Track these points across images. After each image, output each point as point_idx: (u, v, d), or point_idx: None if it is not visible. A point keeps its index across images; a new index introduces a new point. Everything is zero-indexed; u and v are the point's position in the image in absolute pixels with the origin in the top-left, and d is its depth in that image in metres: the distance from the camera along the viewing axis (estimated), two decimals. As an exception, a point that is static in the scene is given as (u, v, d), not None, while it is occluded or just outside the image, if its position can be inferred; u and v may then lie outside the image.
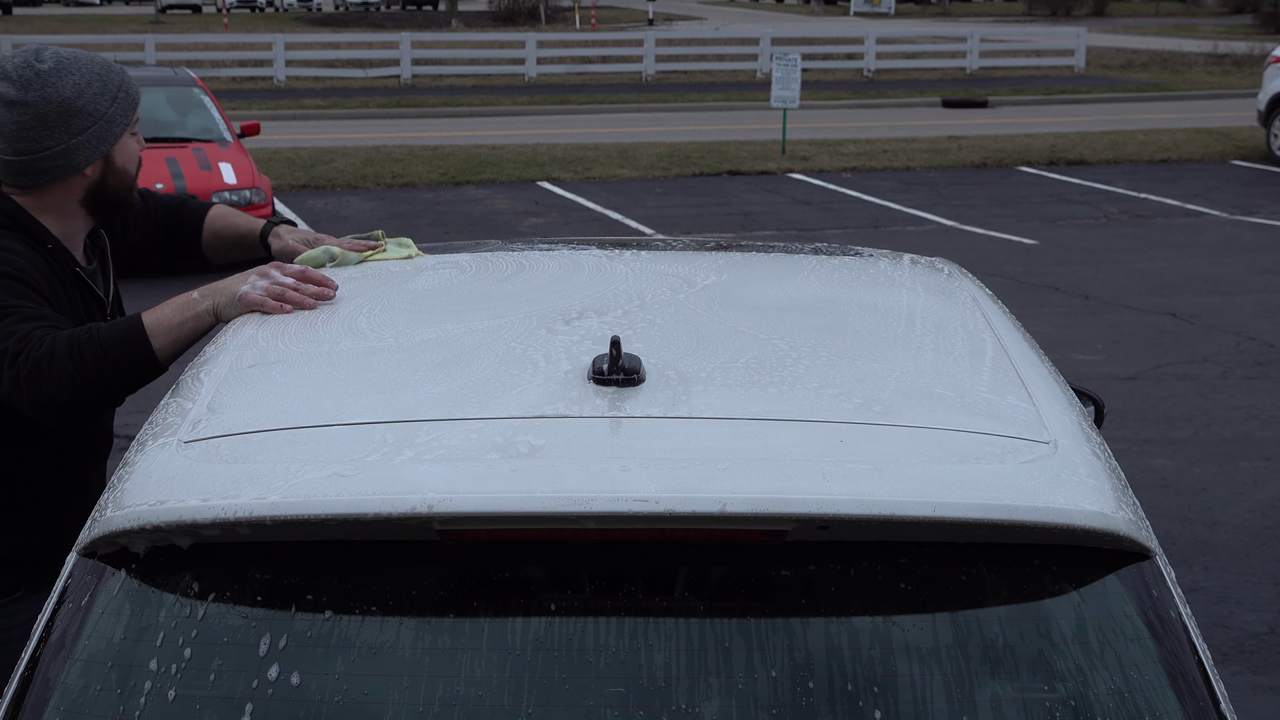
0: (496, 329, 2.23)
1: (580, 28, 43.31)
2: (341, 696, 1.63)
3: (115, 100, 2.75)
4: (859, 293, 2.61)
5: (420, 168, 17.81)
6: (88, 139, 2.72)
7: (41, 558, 2.71)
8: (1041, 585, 1.72)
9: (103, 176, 2.78)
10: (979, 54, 31.84)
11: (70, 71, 2.69)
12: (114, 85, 2.75)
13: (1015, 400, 2.02)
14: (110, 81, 2.74)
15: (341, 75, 29.13)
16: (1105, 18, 57.82)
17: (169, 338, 2.53)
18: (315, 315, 2.43)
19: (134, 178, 2.84)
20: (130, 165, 2.81)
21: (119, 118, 2.75)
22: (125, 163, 2.80)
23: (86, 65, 2.73)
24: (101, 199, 2.81)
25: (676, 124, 23.44)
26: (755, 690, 1.62)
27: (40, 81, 2.67)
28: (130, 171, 2.82)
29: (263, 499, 1.70)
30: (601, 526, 1.67)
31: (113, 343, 2.49)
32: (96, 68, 2.74)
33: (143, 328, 2.52)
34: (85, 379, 2.47)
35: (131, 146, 2.81)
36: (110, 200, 2.82)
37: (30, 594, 2.71)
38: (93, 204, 2.81)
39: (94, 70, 2.73)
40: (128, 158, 2.80)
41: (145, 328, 2.52)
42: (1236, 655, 5.11)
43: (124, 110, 2.76)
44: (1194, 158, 19.24)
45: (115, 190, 2.81)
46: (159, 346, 2.52)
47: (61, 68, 2.69)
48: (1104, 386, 8.26)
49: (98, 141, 2.73)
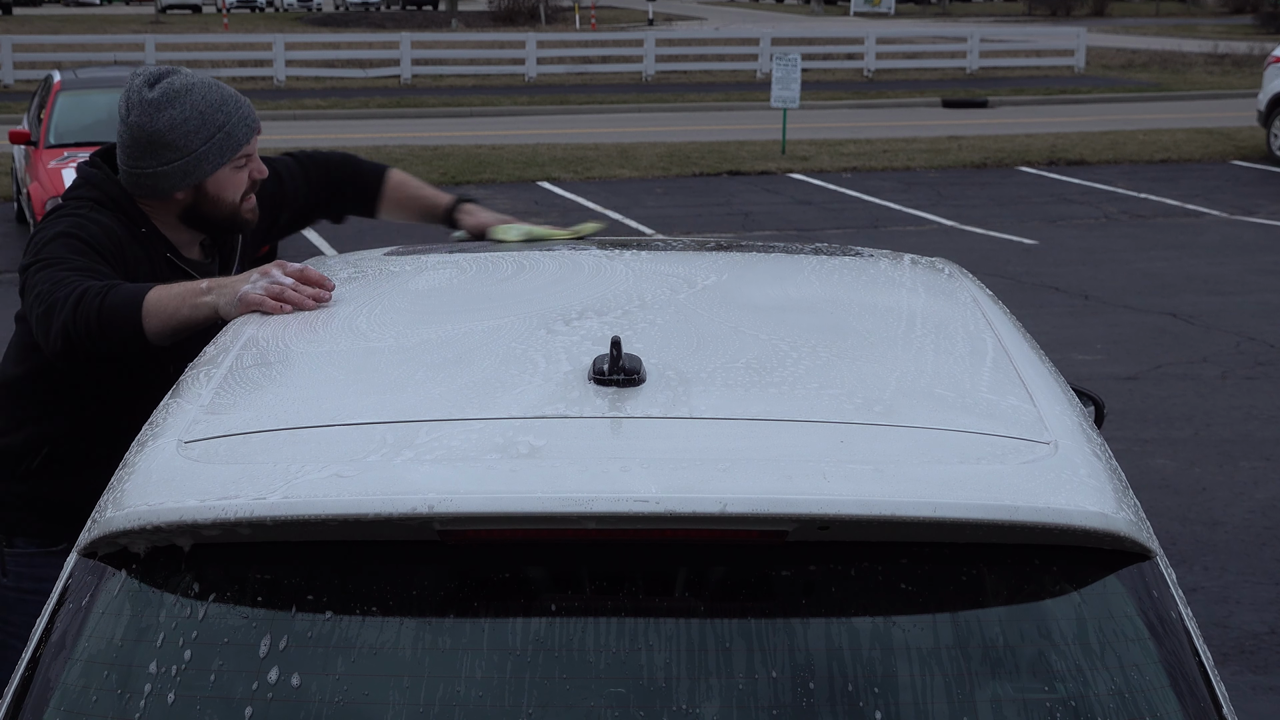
0: (497, 329, 2.23)
1: (580, 28, 43.30)
2: (342, 697, 1.63)
3: (211, 140, 2.87)
4: (859, 293, 2.61)
5: (420, 168, 17.80)
6: (173, 170, 2.87)
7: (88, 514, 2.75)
8: (1042, 586, 1.72)
9: (195, 202, 2.92)
10: (979, 54, 31.84)
11: (173, 105, 2.84)
12: (214, 126, 2.87)
13: (1016, 400, 2.02)
14: (210, 121, 2.86)
15: (341, 75, 29.12)
16: (1105, 18, 57.81)
17: (161, 318, 2.62)
18: (315, 315, 2.43)
19: (234, 204, 2.95)
20: (227, 194, 2.93)
21: (211, 156, 2.88)
22: (219, 192, 2.92)
23: (196, 101, 2.85)
24: (198, 219, 2.96)
25: (676, 124, 23.44)
26: (755, 691, 1.62)
27: (141, 107, 2.84)
28: (227, 199, 2.93)
29: (263, 499, 1.70)
30: (602, 527, 1.67)
31: (110, 306, 2.61)
32: (204, 106, 2.86)
33: (141, 303, 2.62)
34: (75, 330, 2.61)
35: (230, 179, 2.92)
36: (209, 221, 2.97)
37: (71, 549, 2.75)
38: (191, 222, 2.96)
39: (200, 107, 2.85)
40: (223, 188, 2.92)
41: (144, 303, 2.62)
42: (1236, 655, 5.11)
43: (219, 149, 2.88)
44: (1194, 158, 19.24)
45: (211, 214, 2.95)
46: (149, 323, 2.62)
47: (167, 100, 2.84)
48: (1104, 386, 8.26)
49: (184, 174, 2.87)
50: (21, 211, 13.68)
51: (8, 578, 2.96)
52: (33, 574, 2.89)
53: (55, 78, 14.08)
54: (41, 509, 2.95)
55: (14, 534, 2.97)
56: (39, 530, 2.94)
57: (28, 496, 2.95)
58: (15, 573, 2.95)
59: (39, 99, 14.35)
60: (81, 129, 12.98)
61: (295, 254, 2.85)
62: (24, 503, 2.96)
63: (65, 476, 2.92)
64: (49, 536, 2.90)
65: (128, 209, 2.90)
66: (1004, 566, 1.72)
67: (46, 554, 2.87)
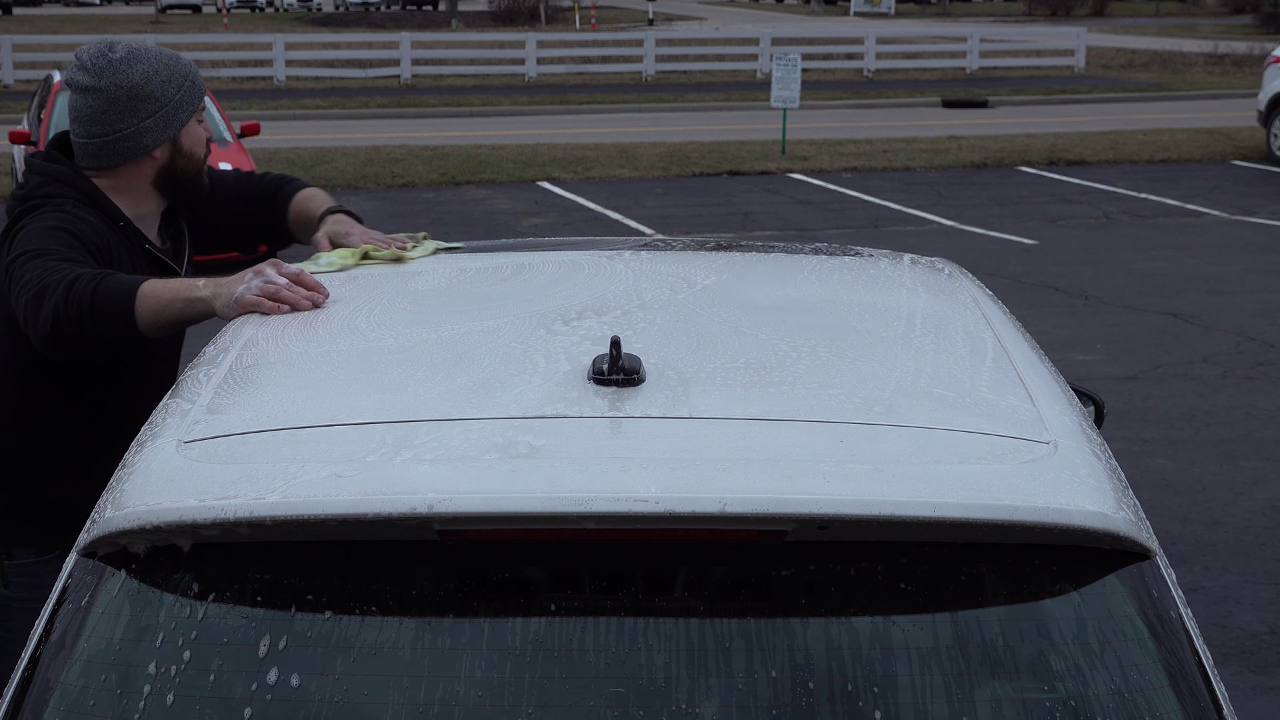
0: (496, 329, 2.23)
1: (580, 28, 43.31)
2: (341, 696, 1.63)
3: (182, 88, 2.97)
4: (859, 293, 2.61)
5: (420, 168, 17.81)
6: (155, 122, 2.94)
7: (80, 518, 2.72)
8: (1042, 585, 1.72)
9: (171, 159, 2.99)
10: (979, 54, 31.85)
11: (140, 60, 2.92)
12: (180, 75, 2.97)
13: (1015, 400, 2.02)
14: (177, 72, 2.97)
15: (341, 75, 29.13)
16: (1105, 18, 57.83)
17: (152, 310, 2.64)
18: (315, 315, 2.43)
19: (201, 160, 3.05)
20: (197, 149, 3.02)
21: (185, 104, 2.97)
22: (192, 146, 3.01)
23: (156, 56, 2.96)
24: (171, 180, 3.02)
25: (676, 124, 23.44)
26: (755, 690, 1.62)
27: (112, 69, 2.90)
28: (197, 154, 3.03)
29: (262, 499, 1.70)
30: (601, 526, 1.67)
31: (103, 295, 2.62)
32: (165, 59, 2.97)
33: (134, 295, 2.63)
34: (66, 317, 2.62)
35: (198, 132, 3.02)
36: (179, 181, 3.03)
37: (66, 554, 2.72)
38: (163, 185, 3.02)
39: (162, 60, 2.96)
40: (194, 142, 3.01)
41: (136, 295, 2.63)
42: (1236, 655, 5.11)
43: (190, 98, 2.98)
44: (1194, 158, 19.24)
45: (184, 171, 3.02)
46: (141, 315, 2.63)
47: (133, 56, 2.93)
48: (1104, 386, 8.26)
49: (165, 125, 2.95)
50: (21, 211, 13.66)
51: (9, 589, 2.98)
52: (31, 583, 2.90)
53: (55, 78, 14.08)
54: (35, 517, 2.96)
55: (12, 545, 2.98)
56: (34, 539, 2.96)
57: (21, 504, 2.97)
58: (16, 583, 2.98)
59: (39, 99, 14.36)
60: (81, 129, 12.96)
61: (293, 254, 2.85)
62: (18, 512, 2.97)
63: (58, 481, 2.94)
64: (44, 545, 2.94)
65: (105, 205, 2.94)
66: (1004, 566, 1.72)
67: (45, 562, 2.89)
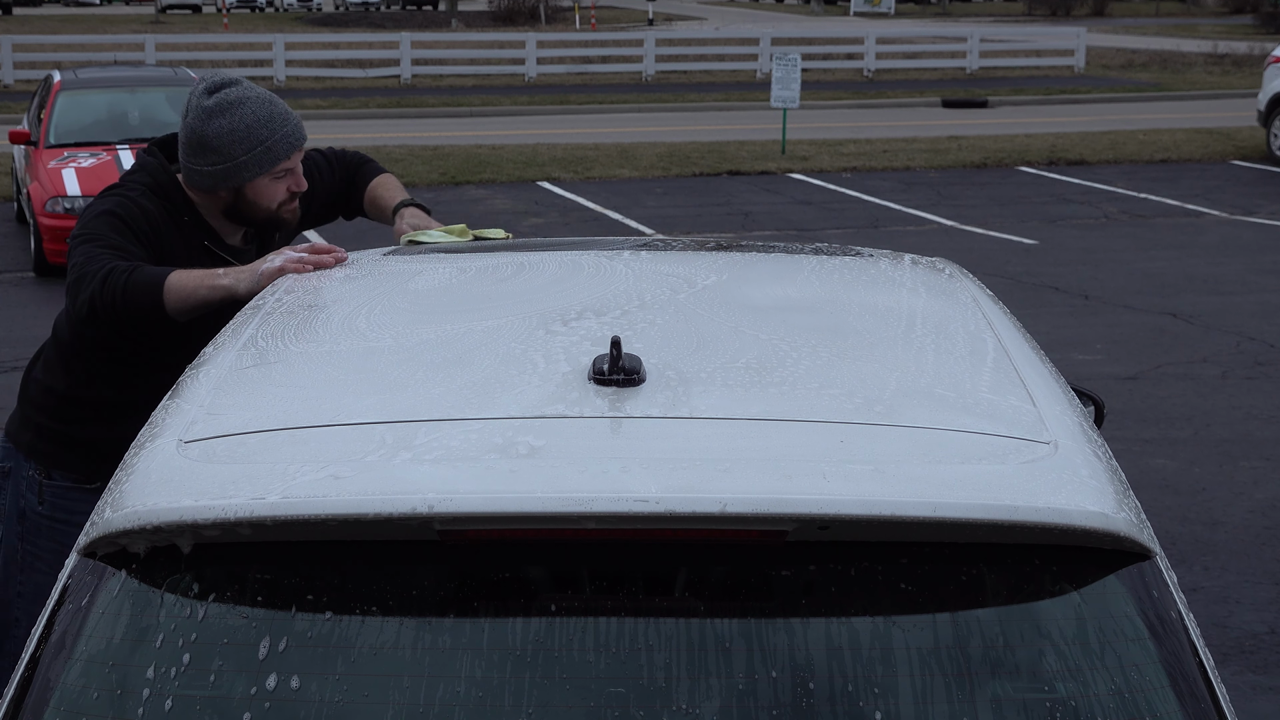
0: (496, 329, 2.23)
1: (580, 28, 43.29)
2: (342, 696, 1.63)
3: (251, 152, 3.16)
4: (859, 293, 2.61)
5: (420, 168, 17.80)
6: (215, 172, 3.17)
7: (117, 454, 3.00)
8: (1042, 586, 1.72)
9: (235, 202, 3.23)
10: (979, 54, 31.83)
11: (224, 115, 3.13)
12: (256, 140, 3.15)
13: (1016, 401, 2.02)
14: (254, 135, 3.15)
15: (341, 75, 29.12)
16: (1105, 18, 57.81)
17: (180, 296, 2.93)
18: (315, 315, 2.44)
19: (271, 210, 3.25)
20: (264, 201, 3.23)
21: (250, 166, 3.17)
22: (257, 198, 3.22)
23: (246, 115, 3.14)
24: (237, 217, 3.26)
25: (676, 124, 23.44)
26: (755, 690, 1.62)
27: (197, 113, 3.15)
28: (263, 205, 3.23)
29: (261, 499, 1.69)
30: (602, 527, 1.67)
31: (135, 285, 2.93)
32: (252, 120, 3.15)
33: (163, 284, 2.93)
34: (102, 302, 2.94)
35: (268, 188, 3.22)
36: (246, 221, 3.28)
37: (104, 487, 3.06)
38: (232, 217, 3.27)
39: (248, 121, 3.14)
40: (261, 195, 3.22)
41: (165, 284, 2.93)
42: (1236, 655, 5.11)
43: (258, 161, 3.17)
44: (1194, 158, 19.24)
45: (247, 215, 3.26)
46: (169, 301, 2.93)
47: (219, 109, 3.14)
48: (1104, 386, 8.26)
49: (224, 178, 3.17)
50: (21, 211, 13.66)
51: (44, 506, 3.29)
52: (67, 506, 3.22)
53: (55, 78, 14.07)
54: (79, 448, 3.26)
55: (53, 467, 3.28)
56: (77, 466, 3.26)
57: (68, 435, 3.27)
58: (51, 503, 3.28)
59: (39, 99, 14.34)
60: (81, 129, 12.96)
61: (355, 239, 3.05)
62: (64, 439, 3.28)
63: (104, 423, 3.19)
64: (85, 473, 3.22)
65: (174, 197, 3.21)
66: (1004, 566, 1.72)
67: (81, 489, 3.20)
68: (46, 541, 3.25)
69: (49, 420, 3.30)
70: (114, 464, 2.37)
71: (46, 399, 3.30)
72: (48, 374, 3.32)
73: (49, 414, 3.30)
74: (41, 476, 3.29)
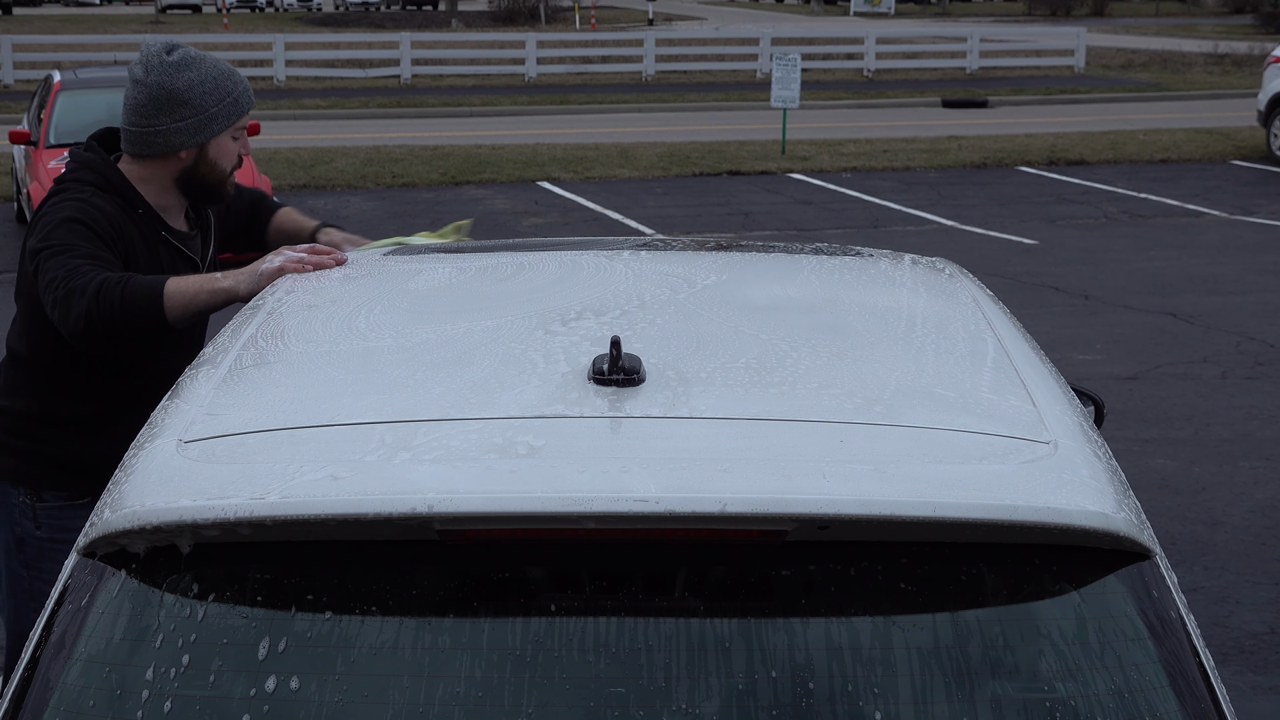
0: (496, 329, 2.23)
1: (580, 28, 43.30)
2: (341, 696, 1.63)
3: (222, 102, 3.15)
4: (859, 293, 2.61)
5: (420, 168, 17.80)
6: (186, 127, 3.13)
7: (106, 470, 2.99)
8: (1042, 585, 1.72)
9: (195, 163, 3.18)
10: (979, 54, 31.83)
11: (190, 68, 3.12)
12: (225, 90, 3.16)
13: (1016, 400, 2.02)
14: (222, 86, 3.16)
15: (341, 75, 29.12)
16: (1105, 18, 57.82)
17: (180, 303, 2.93)
18: (315, 315, 2.44)
19: (226, 172, 3.23)
20: (223, 161, 3.20)
21: (220, 117, 3.15)
22: (218, 157, 3.19)
23: (207, 67, 3.15)
24: (193, 182, 3.21)
25: (676, 124, 23.44)
26: (755, 690, 1.62)
27: (161, 68, 3.11)
28: (222, 166, 3.21)
29: (261, 499, 1.69)
30: (601, 526, 1.67)
31: (133, 294, 2.90)
32: (216, 72, 3.16)
33: (162, 292, 2.91)
34: (100, 316, 2.89)
35: (229, 146, 3.20)
36: (200, 185, 3.22)
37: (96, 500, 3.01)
38: (184, 184, 3.21)
39: (212, 73, 3.15)
40: (221, 154, 3.19)
41: (164, 292, 2.91)
42: (1236, 655, 5.11)
43: (227, 113, 3.16)
44: (1194, 158, 19.24)
45: (205, 178, 3.21)
46: (170, 309, 2.92)
47: (184, 63, 3.12)
48: (1104, 386, 8.26)
49: (194, 131, 3.13)
50: (22, 211, 13.69)
51: (42, 530, 3.25)
52: (65, 525, 3.15)
53: (55, 78, 14.08)
54: (66, 466, 3.23)
55: (43, 489, 3.25)
56: (65, 484, 3.23)
57: (51, 455, 3.23)
58: (48, 525, 3.24)
59: (39, 99, 14.36)
60: (81, 129, 12.93)
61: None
62: (48, 459, 3.24)
63: (83, 437, 3.19)
64: (76, 490, 3.20)
65: (125, 192, 3.14)
66: (1004, 566, 1.72)
67: (74, 506, 3.17)
68: (50, 564, 3.14)
69: (28, 443, 3.25)
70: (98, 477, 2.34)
71: (19, 423, 3.25)
72: (14, 397, 3.26)
73: (26, 437, 3.25)
74: (33, 500, 3.24)
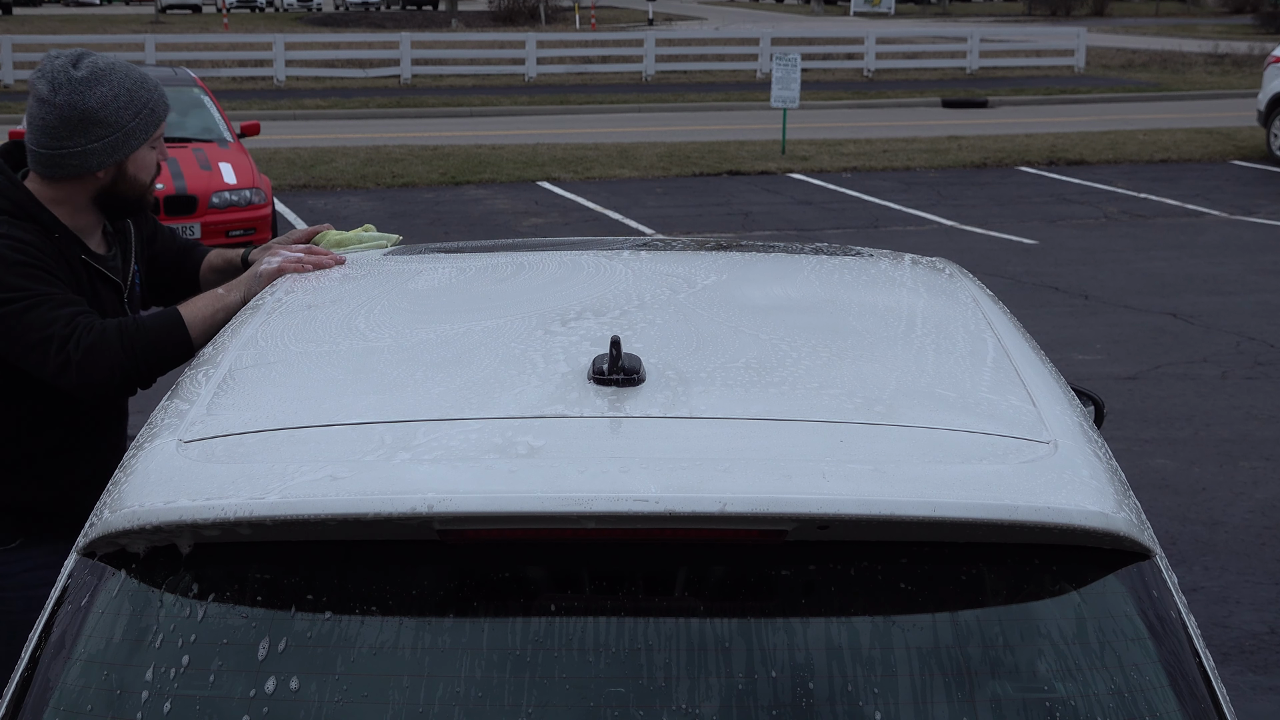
0: (496, 329, 2.23)
1: (580, 28, 43.30)
2: (341, 696, 1.63)
3: (139, 115, 2.93)
4: (859, 293, 2.61)
5: (420, 168, 17.81)
6: (103, 146, 2.89)
7: (43, 511, 2.96)
8: (1042, 585, 1.72)
9: (114, 181, 2.95)
10: (979, 54, 31.84)
11: (101, 83, 2.87)
12: (140, 101, 2.93)
13: (1016, 400, 2.02)
14: (138, 98, 2.92)
15: (341, 75, 29.12)
16: (1105, 18, 57.82)
17: (202, 328, 2.81)
18: (314, 315, 2.44)
19: (146, 186, 3.01)
20: (143, 175, 2.99)
21: (138, 131, 2.93)
22: (138, 172, 2.97)
23: (119, 79, 2.90)
24: (111, 200, 2.99)
25: (676, 124, 23.44)
26: (755, 690, 1.62)
27: (70, 86, 2.85)
28: (141, 180, 2.99)
29: (261, 499, 1.69)
30: (601, 526, 1.67)
31: (159, 332, 2.80)
32: (129, 83, 2.91)
33: (183, 321, 2.82)
34: (134, 364, 2.78)
35: (148, 158, 2.99)
36: (119, 202, 3.00)
37: (29, 545, 2.95)
38: (103, 203, 2.99)
39: (125, 85, 2.90)
40: (140, 168, 2.98)
41: (184, 321, 2.82)
42: (1236, 655, 5.11)
43: (144, 126, 2.94)
44: (1194, 158, 19.24)
45: (124, 194, 2.99)
46: (195, 335, 2.81)
47: (94, 77, 2.87)
48: (1104, 386, 8.26)
49: (112, 150, 2.91)
50: (21, 211, 13.66)
51: None
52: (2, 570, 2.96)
53: (55, 78, 14.05)
54: None
55: None
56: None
57: None
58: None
59: (39, 99, 14.32)
60: (81, 129, 12.95)
61: None
62: None
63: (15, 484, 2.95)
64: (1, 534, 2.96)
65: (40, 216, 2.89)
66: (1004, 566, 1.72)
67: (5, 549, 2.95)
68: None
69: None
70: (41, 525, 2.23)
71: None
72: None
73: None
74: None
